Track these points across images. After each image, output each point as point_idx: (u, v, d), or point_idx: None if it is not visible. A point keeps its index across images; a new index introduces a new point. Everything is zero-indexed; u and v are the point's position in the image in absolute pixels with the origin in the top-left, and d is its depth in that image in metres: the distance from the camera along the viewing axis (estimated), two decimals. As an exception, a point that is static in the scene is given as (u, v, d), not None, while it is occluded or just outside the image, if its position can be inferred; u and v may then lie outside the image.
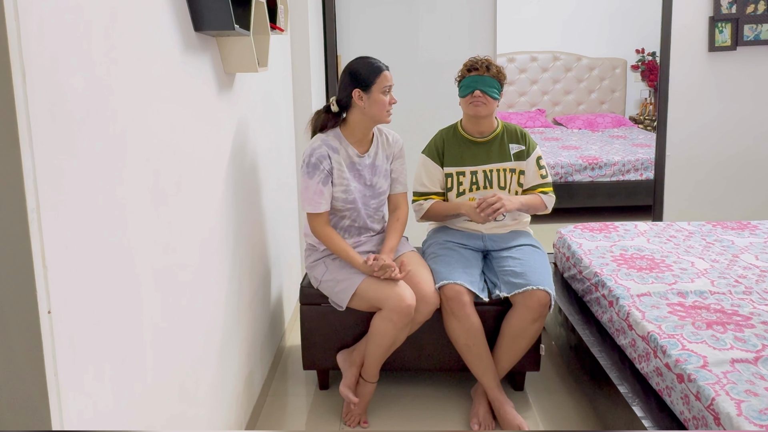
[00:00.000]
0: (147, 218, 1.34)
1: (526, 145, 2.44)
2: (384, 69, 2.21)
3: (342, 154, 2.24)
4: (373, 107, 2.19)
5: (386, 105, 2.20)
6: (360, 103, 2.20)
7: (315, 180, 2.19)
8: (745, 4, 3.61)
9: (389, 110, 2.23)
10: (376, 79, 2.17)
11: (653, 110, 5.84)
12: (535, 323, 2.19)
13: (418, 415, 2.32)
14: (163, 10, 1.46)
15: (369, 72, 2.18)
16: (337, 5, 3.62)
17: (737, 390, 1.52)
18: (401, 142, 2.41)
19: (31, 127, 0.92)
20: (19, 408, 0.96)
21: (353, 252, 2.23)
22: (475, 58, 2.39)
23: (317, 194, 2.20)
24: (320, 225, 2.23)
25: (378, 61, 2.23)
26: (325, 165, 2.20)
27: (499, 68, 2.37)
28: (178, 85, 1.55)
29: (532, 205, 2.43)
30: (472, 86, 2.34)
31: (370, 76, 2.18)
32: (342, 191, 2.24)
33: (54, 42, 1.00)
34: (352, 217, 2.31)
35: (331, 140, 2.24)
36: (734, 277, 2.23)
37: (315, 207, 2.22)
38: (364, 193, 2.30)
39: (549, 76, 6.11)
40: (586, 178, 4.77)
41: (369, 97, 2.18)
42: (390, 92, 2.22)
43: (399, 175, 2.40)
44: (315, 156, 2.20)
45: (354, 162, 2.26)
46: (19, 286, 0.93)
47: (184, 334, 1.57)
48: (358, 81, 2.19)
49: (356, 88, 2.19)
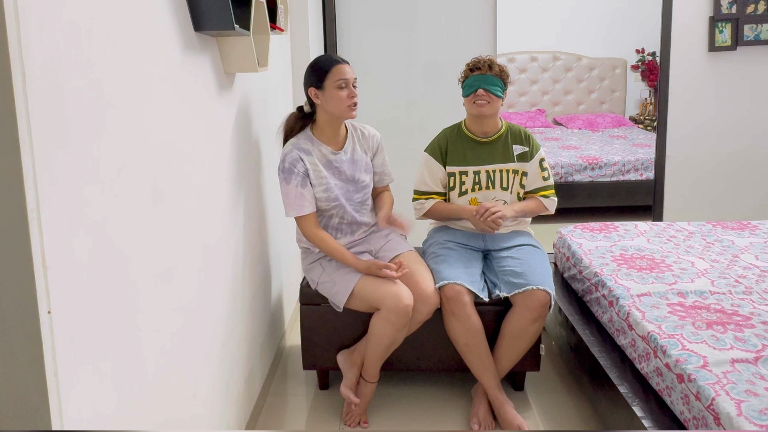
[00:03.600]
0: (147, 218, 1.34)
1: (530, 147, 2.44)
2: (338, 62, 2.17)
3: (315, 154, 2.23)
4: (330, 103, 2.17)
5: (344, 99, 2.16)
6: (317, 101, 2.19)
7: (293, 184, 2.19)
8: (745, 4, 3.61)
9: (350, 105, 2.18)
10: (328, 74, 2.15)
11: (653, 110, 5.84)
12: (535, 323, 2.19)
13: (418, 415, 2.32)
14: (163, 10, 1.46)
15: (321, 67, 2.17)
16: (337, 5, 3.62)
17: (737, 390, 1.52)
18: (379, 136, 2.39)
19: (31, 127, 0.92)
20: (19, 408, 0.96)
21: (347, 252, 2.23)
22: (478, 57, 2.39)
23: (298, 197, 2.20)
24: (310, 227, 2.23)
25: (334, 56, 2.21)
26: (299, 168, 2.18)
27: (501, 67, 2.37)
28: (178, 85, 1.55)
29: (533, 211, 2.45)
30: (476, 85, 2.34)
31: (322, 71, 2.16)
32: (323, 191, 2.24)
33: (54, 42, 0.99)
34: (339, 215, 2.30)
35: (302, 143, 2.23)
36: (734, 277, 2.23)
37: (299, 210, 2.21)
38: (347, 188, 2.29)
39: (549, 76, 6.11)
40: (586, 178, 4.77)
41: (324, 93, 2.17)
42: (349, 86, 2.17)
43: (384, 169, 2.40)
44: (287, 161, 2.19)
45: (330, 160, 2.25)
46: (19, 286, 0.93)
47: (184, 334, 1.57)
48: (313, 78, 2.18)
49: (311, 86, 2.19)
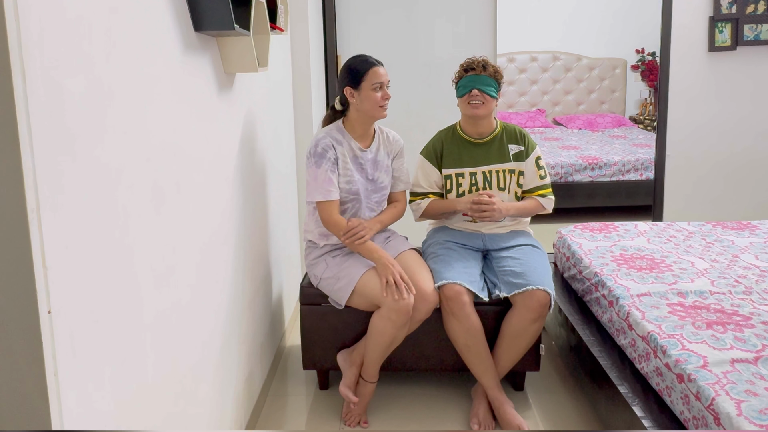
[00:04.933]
0: (147, 218, 1.34)
1: (526, 146, 2.44)
2: (374, 65, 2.22)
3: (345, 146, 2.27)
4: (365, 103, 2.22)
5: (378, 101, 2.22)
6: (352, 100, 2.24)
7: (323, 168, 2.21)
8: (745, 4, 3.61)
9: (383, 105, 2.24)
10: (365, 75, 2.20)
11: (653, 110, 5.84)
12: (535, 323, 2.19)
13: (418, 415, 2.32)
14: (163, 10, 1.46)
15: (358, 69, 2.21)
16: (337, 5, 3.62)
17: (737, 390, 1.52)
18: (402, 143, 2.44)
19: (31, 127, 0.92)
20: (19, 408, 0.96)
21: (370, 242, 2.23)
22: (472, 58, 2.40)
23: (327, 182, 2.22)
24: (332, 213, 2.23)
25: (370, 57, 2.25)
26: (330, 154, 2.23)
27: (495, 67, 2.38)
28: (178, 85, 1.55)
29: (530, 211, 2.45)
30: (470, 85, 2.34)
31: (360, 73, 2.21)
32: (346, 182, 2.26)
33: (54, 42, 0.99)
34: (353, 210, 2.32)
35: (334, 133, 2.28)
36: (734, 277, 2.23)
37: (326, 195, 2.22)
38: (367, 186, 2.32)
39: (549, 76, 6.11)
40: (586, 178, 4.77)
41: (359, 93, 2.21)
42: (383, 88, 2.23)
43: (401, 174, 2.43)
44: (320, 146, 2.23)
45: (357, 155, 2.29)
46: (19, 286, 0.93)
47: (185, 334, 1.57)
48: (349, 78, 2.23)
49: (347, 85, 2.23)
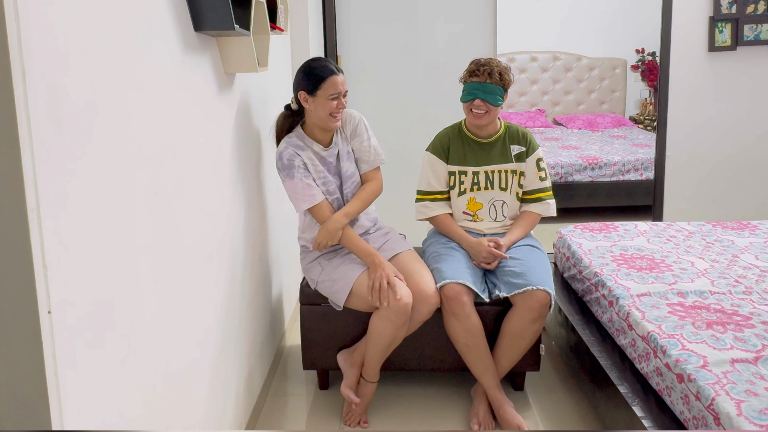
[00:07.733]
0: (147, 218, 1.34)
1: (527, 146, 2.44)
2: (335, 73, 2.14)
3: (308, 151, 2.23)
4: (318, 111, 2.16)
5: (332, 110, 2.15)
6: (305, 105, 2.18)
7: (297, 178, 2.18)
8: (745, 4, 3.61)
9: (335, 116, 2.16)
10: (323, 84, 2.13)
11: (653, 110, 5.84)
12: (535, 323, 2.19)
13: (418, 415, 2.32)
14: (163, 10, 1.46)
15: (318, 75, 2.13)
16: (337, 5, 3.62)
17: (737, 390, 1.52)
18: (356, 117, 2.30)
19: (31, 127, 0.92)
20: (19, 408, 0.96)
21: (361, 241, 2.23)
22: (479, 61, 2.32)
23: (306, 188, 2.19)
24: (326, 215, 2.22)
25: (331, 63, 2.17)
26: (297, 161, 2.18)
27: (502, 71, 2.30)
28: (179, 85, 1.55)
29: (532, 225, 2.45)
30: (473, 94, 2.29)
31: (319, 79, 2.13)
32: (321, 184, 2.24)
33: (54, 42, 0.99)
34: (337, 207, 2.29)
35: (294, 141, 2.23)
36: (734, 277, 2.23)
37: (311, 200, 2.20)
38: (339, 182, 2.29)
39: (549, 76, 6.11)
40: (586, 178, 4.76)
41: (314, 100, 2.15)
42: (340, 98, 2.15)
43: (362, 154, 2.32)
44: (285, 158, 2.19)
45: (323, 156, 2.25)
46: (19, 286, 0.93)
47: (185, 334, 1.57)
48: (306, 82, 2.15)
49: (303, 89, 2.17)
